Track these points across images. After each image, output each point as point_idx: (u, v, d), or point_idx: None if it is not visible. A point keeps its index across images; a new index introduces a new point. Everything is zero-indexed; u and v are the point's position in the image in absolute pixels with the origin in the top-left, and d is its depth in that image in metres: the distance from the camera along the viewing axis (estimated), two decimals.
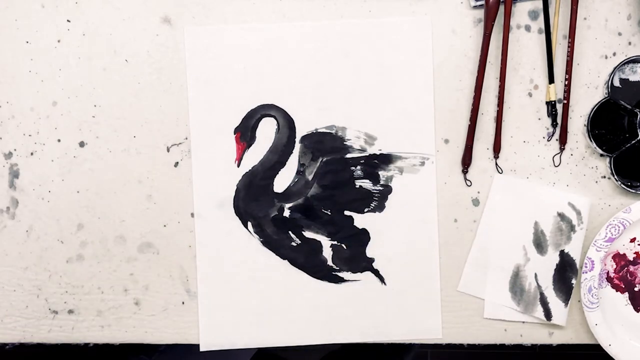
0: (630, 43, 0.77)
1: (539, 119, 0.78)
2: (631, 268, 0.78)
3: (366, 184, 0.78)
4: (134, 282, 0.79)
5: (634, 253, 0.78)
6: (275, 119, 0.78)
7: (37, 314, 0.79)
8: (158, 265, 0.79)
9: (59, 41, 0.79)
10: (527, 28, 0.77)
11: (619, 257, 0.78)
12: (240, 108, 0.78)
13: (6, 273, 0.79)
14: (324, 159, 0.78)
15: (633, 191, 0.76)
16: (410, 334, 0.79)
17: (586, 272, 0.76)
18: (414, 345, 0.92)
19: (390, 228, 0.78)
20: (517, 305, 0.78)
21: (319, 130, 0.78)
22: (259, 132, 0.78)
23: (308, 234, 0.79)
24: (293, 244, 0.79)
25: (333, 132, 0.78)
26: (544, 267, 0.77)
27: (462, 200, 0.78)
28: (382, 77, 0.78)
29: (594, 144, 0.76)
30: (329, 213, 0.78)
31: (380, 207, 0.78)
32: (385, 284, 0.79)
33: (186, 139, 0.78)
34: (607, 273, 0.78)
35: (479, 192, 0.78)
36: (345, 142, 0.78)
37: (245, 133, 0.78)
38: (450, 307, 0.79)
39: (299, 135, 0.78)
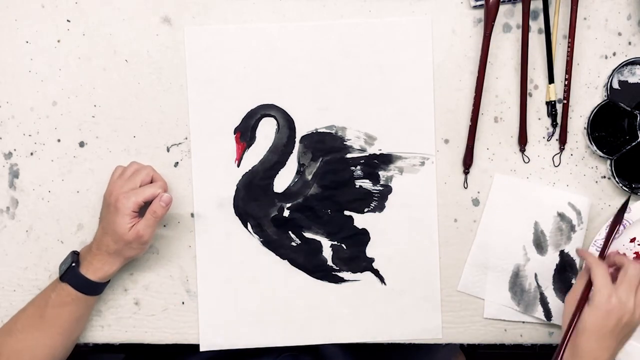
0: (630, 43, 0.77)
1: (539, 119, 0.78)
2: None
3: (366, 184, 0.78)
4: (134, 282, 0.79)
5: (634, 253, 0.78)
6: (275, 119, 0.78)
7: None
8: (158, 265, 0.79)
9: (59, 41, 0.78)
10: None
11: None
12: (240, 108, 0.78)
13: (6, 273, 0.79)
14: (324, 159, 0.78)
15: (634, 193, 0.76)
16: (410, 334, 0.79)
17: None
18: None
19: (390, 228, 0.78)
20: (517, 305, 0.78)
21: (319, 130, 0.78)
22: (259, 132, 0.78)
23: (308, 234, 0.79)
24: (293, 244, 0.79)
25: (333, 132, 0.78)
26: (544, 267, 0.77)
27: (462, 200, 0.78)
28: (382, 77, 0.78)
29: (594, 146, 0.76)
30: (329, 213, 0.78)
31: (380, 207, 0.78)
32: (385, 284, 0.79)
33: (186, 139, 0.78)
34: None
35: (479, 192, 0.78)
36: (345, 142, 0.78)
37: (245, 133, 0.78)
38: (450, 307, 0.79)
39: (299, 135, 0.78)
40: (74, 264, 0.72)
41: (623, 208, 0.73)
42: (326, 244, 0.79)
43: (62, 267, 0.72)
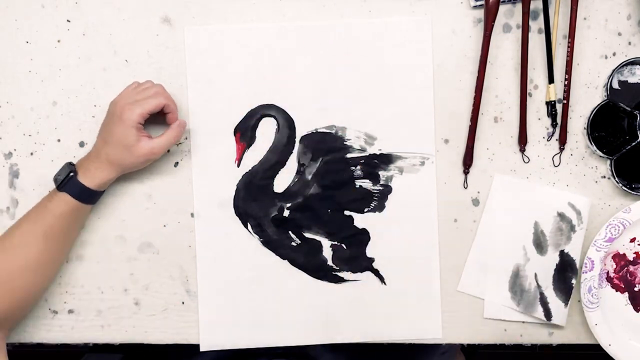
0: (630, 43, 0.77)
1: (539, 119, 0.78)
2: (631, 268, 0.78)
3: (366, 184, 0.78)
4: (134, 282, 0.79)
5: (634, 253, 0.78)
6: (275, 119, 0.78)
7: (36, 314, 0.79)
8: (158, 265, 0.79)
9: (59, 41, 0.78)
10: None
11: (618, 257, 0.78)
12: (240, 108, 0.78)
13: None
14: (324, 159, 0.78)
15: (634, 193, 0.76)
16: (410, 334, 0.79)
17: (586, 272, 0.76)
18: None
19: (390, 228, 0.78)
20: (517, 305, 0.78)
21: (319, 130, 0.78)
22: (259, 132, 0.78)
23: (308, 234, 0.79)
24: (293, 244, 0.79)
25: (333, 132, 0.78)
26: (544, 267, 0.77)
27: (462, 200, 0.78)
28: (382, 77, 0.78)
29: (594, 146, 0.76)
30: (329, 213, 0.78)
31: (380, 207, 0.78)
32: (385, 284, 0.79)
33: (186, 139, 0.78)
34: (607, 273, 0.78)
35: (479, 192, 0.78)
36: (345, 142, 0.78)
37: (245, 133, 0.78)
38: (450, 307, 0.79)
39: (298, 135, 0.78)
40: (71, 173, 0.72)
41: None
42: (326, 244, 0.79)
43: (58, 177, 0.72)
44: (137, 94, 0.73)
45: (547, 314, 0.77)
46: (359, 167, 0.78)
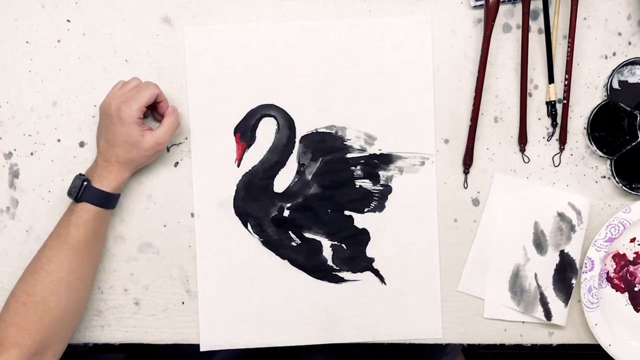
0: (630, 43, 0.77)
1: (539, 119, 0.78)
2: (631, 268, 0.78)
3: (366, 184, 0.78)
4: (134, 282, 0.79)
5: (634, 253, 0.78)
6: (275, 119, 0.78)
7: None
8: (158, 265, 0.79)
9: (59, 41, 0.78)
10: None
11: (619, 257, 0.78)
12: (240, 108, 0.78)
13: (6, 273, 0.79)
14: (324, 159, 0.78)
15: (634, 193, 0.76)
16: (410, 334, 0.79)
17: (586, 272, 0.76)
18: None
19: (390, 228, 0.78)
20: (517, 305, 0.78)
21: (319, 130, 0.78)
22: (259, 132, 0.78)
23: (308, 234, 0.79)
24: (293, 244, 0.79)
25: (333, 132, 0.78)
26: (544, 267, 0.77)
27: (462, 200, 0.78)
28: (382, 77, 0.78)
29: (594, 146, 0.76)
30: (329, 213, 0.78)
31: (380, 207, 0.78)
32: (385, 284, 0.79)
33: (186, 139, 0.78)
34: (607, 273, 0.78)
35: (479, 192, 0.78)
36: (345, 142, 0.78)
37: (245, 133, 0.78)
38: (450, 307, 0.79)
39: (298, 135, 0.78)
40: (85, 182, 0.72)
41: None
42: (326, 244, 0.79)
43: (73, 190, 0.72)
44: (128, 92, 0.73)
45: (547, 314, 0.77)
46: (359, 167, 0.78)
